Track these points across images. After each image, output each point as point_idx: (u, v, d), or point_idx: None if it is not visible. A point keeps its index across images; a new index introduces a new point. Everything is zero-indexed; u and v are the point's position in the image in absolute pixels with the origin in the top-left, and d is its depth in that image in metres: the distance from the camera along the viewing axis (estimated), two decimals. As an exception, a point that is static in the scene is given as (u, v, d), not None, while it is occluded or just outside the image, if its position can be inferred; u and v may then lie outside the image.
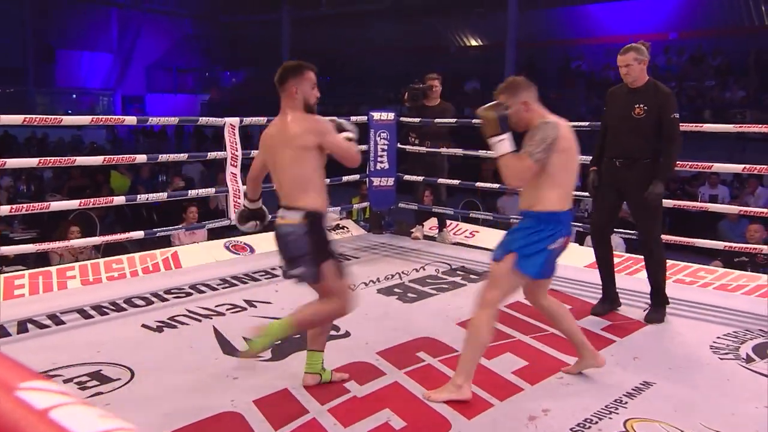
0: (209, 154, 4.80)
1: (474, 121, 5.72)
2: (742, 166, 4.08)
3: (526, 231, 2.54)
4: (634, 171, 3.49)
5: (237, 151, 4.60)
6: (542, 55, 18.24)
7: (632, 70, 3.46)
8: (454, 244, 5.52)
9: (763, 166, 3.91)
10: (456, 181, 5.51)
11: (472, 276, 4.42)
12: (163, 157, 4.45)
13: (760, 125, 4.39)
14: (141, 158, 4.33)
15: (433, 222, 5.89)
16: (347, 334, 3.30)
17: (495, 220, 6.55)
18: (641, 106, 3.44)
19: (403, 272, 4.47)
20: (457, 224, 5.99)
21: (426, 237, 5.68)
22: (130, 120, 4.56)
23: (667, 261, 4.51)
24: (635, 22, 17.17)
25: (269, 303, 3.79)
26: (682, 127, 3.96)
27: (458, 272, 4.52)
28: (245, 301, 3.81)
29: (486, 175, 12.76)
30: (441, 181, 5.49)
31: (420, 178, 5.55)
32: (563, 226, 2.57)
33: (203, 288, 4.06)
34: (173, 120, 4.70)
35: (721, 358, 3.01)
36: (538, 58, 18.05)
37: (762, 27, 15.69)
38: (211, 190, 5.01)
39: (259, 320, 3.46)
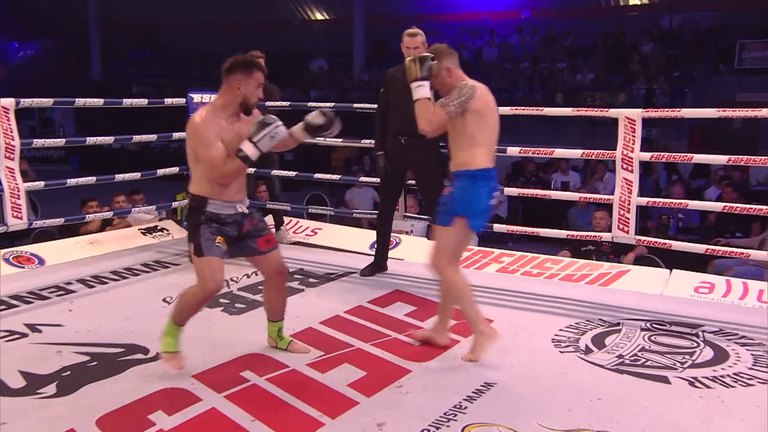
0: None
1: (313, 104, 5.73)
2: (582, 151, 4.48)
3: (466, 192, 3.03)
4: (418, 148, 4.04)
5: (14, 140, 4.20)
6: (392, 33, 18.69)
7: (419, 53, 3.99)
8: (293, 243, 5.50)
9: (600, 151, 4.32)
10: (291, 173, 5.48)
11: (311, 279, 4.42)
12: None
13: (602, 109, 4.83)
14: None
15: (269, 220, 5.81)
16: (158, 357, 3.14)
17: (339, 215, 6.63)
18: None
19: (231, 279, 4.37)
20: (298, 221, 5.97)
21: (261, 237, 5.59)
22: None
23: (516, 253, 4.92)
24: (488, -1, 18.24)
25: (60, 326, 3.51)
26: (526, 111, 4.54)
27: (296, 276, 4.49)
28: (26, 325, 3.50)
29: (336, 165, 12.93)
30: (274, 172, 5.42)
31: (250, 170, 5.43)
32: (495, 181, 3.11)
33: (-30, 313, 3.67)
34: None
35: (562, 352, 3.27)
36: (388, 36, 18.51)
37: (609, 8, 17.42)
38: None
39: (44, 348, 3.19)
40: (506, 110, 4.65)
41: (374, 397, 2.78)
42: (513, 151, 4.75)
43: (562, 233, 4.51)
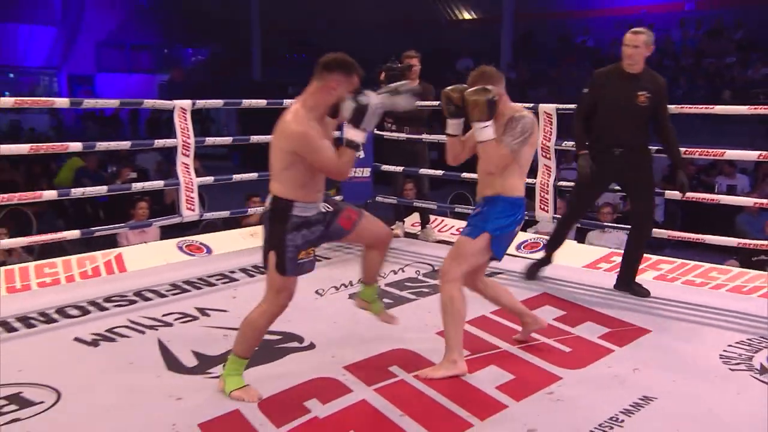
0: (157, 141, 4.74)
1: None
2: (759, 152, 4.09)
3: (502, 213, 3.00)
4: (632, 159, 3.86)
5: (189, 138, 4.55)
6: (542, 29, 18.25)
7: (639, 54, 3.75)
8: (438, 242, 5.50)
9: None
10: (439, 172, 5.47)
11: (457, 278, 4.39)
12: (101, 146, 4.38)
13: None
14: (75, 146, 4.27)
15: (415, 218, 5.87)
16: (311, 346, 3.28)
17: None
18: (645, 93, 3.74)
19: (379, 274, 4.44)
20: (443, 220, 5.97)
21: (407, 234, 5.66)
22: (62, 102, 4.51)
23: (676, 260, 4.60)
24: (647, -9, 17.25)
25: (225, 311, 3.74)
26: (693, 110, 4.32)
27: (442, 274, 4.49)
28: (197, 309, 3.77)
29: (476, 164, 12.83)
30: (423, 171, 5.46)
31: (399, 169, 5.51)
32: (524, 210, 3.12)
33: (150, 295, 4.01)
34: (113, 103, 4.61)
35: (732, 369, 3.01)
36: (537, 32, 18.08)
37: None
38: (159, 183, 4.95)
39: (212, 332, 3.43)
40: (671, 108, 4.37)
41: (524, 401, 2.71)
42: (677, 151, 4.42)
43: (732, 241, 4.14)
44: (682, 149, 4.43)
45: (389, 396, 2.73)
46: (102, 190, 4.56)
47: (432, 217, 5.82)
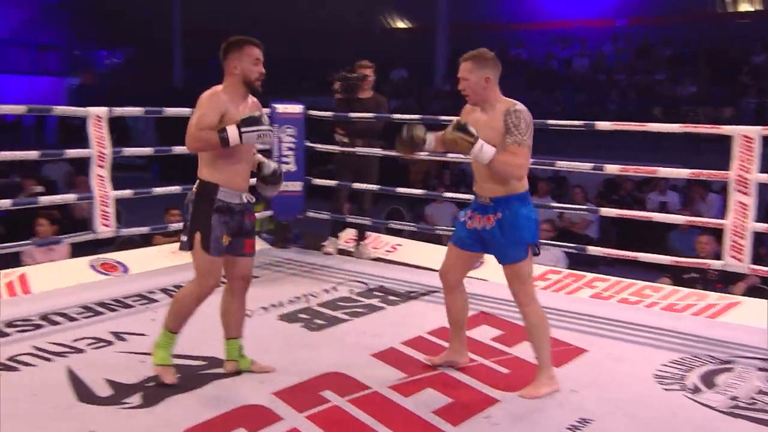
0: (68, 151, 4.56)
1: (398, 116, 5.73)
2: (690, 170, 4.30)
3: (526, 217, 3.02)
4: None
5: (105, 148, 4.41)
6: (477, 41, 18.63)
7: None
8: (373, 259, 5.52)
9: (712, 171, 4.12)
10: (374, 186, 5.48)
11: (391, 297, 4.42)
12: (5, 155, 4.17)
13: (712, 125, 4.63)
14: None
15: (350, 234, 5.86)
16: (237, 372, 3.21)
17: (420, 231, 6.60)
18: None
19: (311, 294, 4.43)
20: (378, 236, 5.99)
21: (341, 251, 5.65)
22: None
23: (611, 278, 4.76)
24: (580, 6, 17.92)
25: (144, 335, 3.62)
26: (628, 127, 4.28)
27: (376, 293, 4.51)
28: (112, 333, 3.64)
29: (414, 179, 12.94)
30: (359, 186, 5.40)
31: (333, 183, 5.50)
32: None
33: (58, 318, 3.85)
34: (19, 109, 4.40)
35: (666, 389, 3.13)
36: (472, 45, 18.43)
37: (715, 15, 16.76)
38: (71, 197, 4.77)
39: (129, 357, 3.32)
40: (606, 125, 4.55)
41: (461, 426, 2.75)
42: (612, 168, 4.60)
43: (666, 259, 4.32)
44: (617, 166, 4.62)
45: (321, 423, 2.71)
46: (5, 204, 4.30)
47: (367, 234, 5.83)
